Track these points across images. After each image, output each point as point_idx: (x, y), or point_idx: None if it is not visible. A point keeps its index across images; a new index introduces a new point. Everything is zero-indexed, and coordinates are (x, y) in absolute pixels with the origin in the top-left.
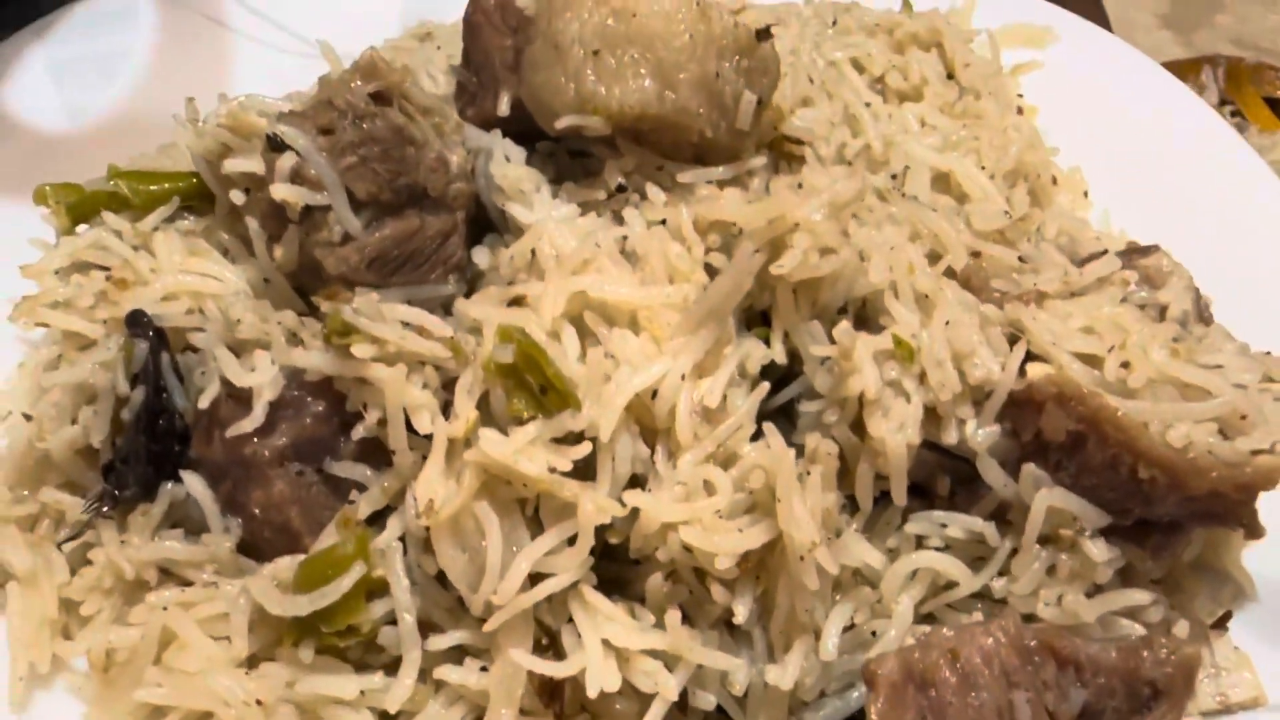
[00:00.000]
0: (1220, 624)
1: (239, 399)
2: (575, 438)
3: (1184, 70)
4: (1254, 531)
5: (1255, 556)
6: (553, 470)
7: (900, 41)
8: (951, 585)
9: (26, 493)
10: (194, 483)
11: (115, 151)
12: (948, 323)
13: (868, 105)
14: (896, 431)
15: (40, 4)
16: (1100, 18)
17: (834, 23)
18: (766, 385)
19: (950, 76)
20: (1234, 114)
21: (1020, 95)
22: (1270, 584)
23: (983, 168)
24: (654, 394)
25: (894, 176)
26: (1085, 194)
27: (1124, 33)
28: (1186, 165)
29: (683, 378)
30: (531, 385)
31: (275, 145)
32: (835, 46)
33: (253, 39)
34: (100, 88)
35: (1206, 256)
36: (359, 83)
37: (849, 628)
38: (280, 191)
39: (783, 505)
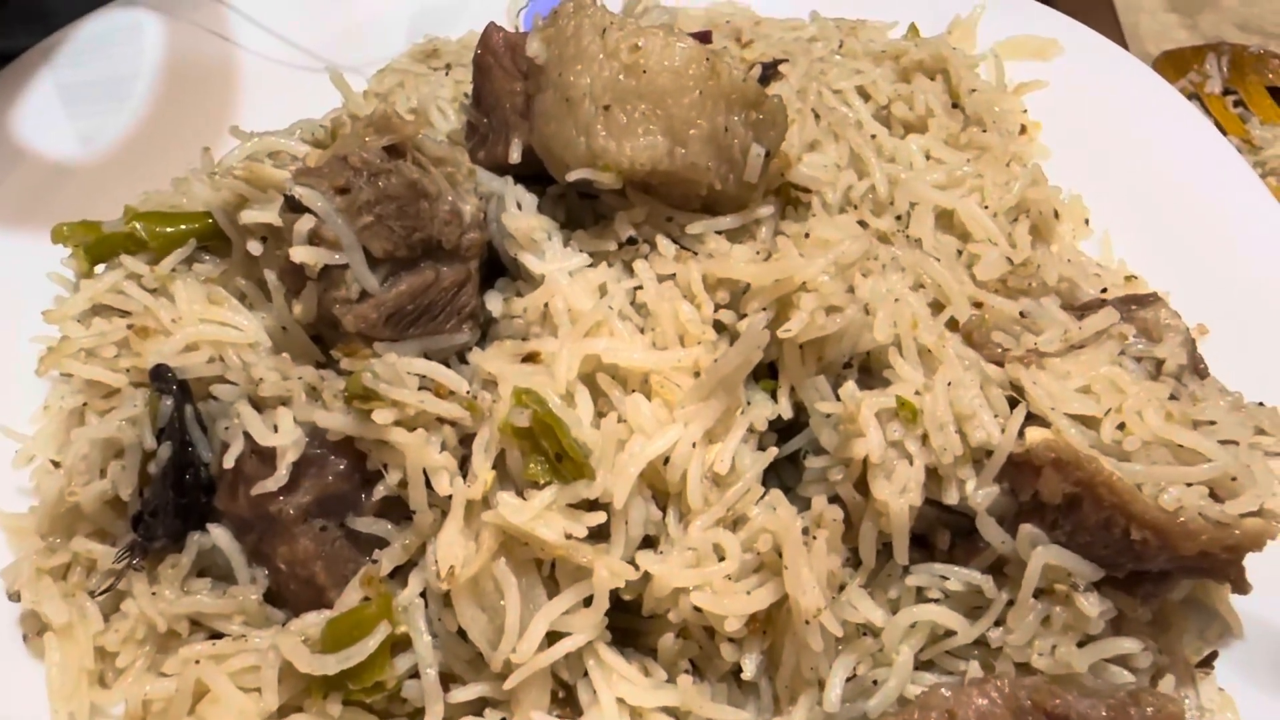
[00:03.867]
0: (1206, 663)
1: (263, 456)
2: (590, 504)
3: (1188, 58)
4: (1240, 588)
5: (1243, 596)
6: (569, 536)
7: (906, 69)
8: (950, 634)
9: (58, 541)
10: (221, 535)
11: (127, 175)
12: (950, 384)
13: (873, 138)
14: (899, 494)
15: (44, 4)
16: (1105, 2)
17: (840, 45)
18: (775, 450)
19: (955, 104)
20: (1237, 103)
21: (1025, 111)
22: (1257, 623)
23: (986, 205)
24: (666, 460)
25: (899, 218)
26: (1086, 221)
27: (1129, 16)
28: (1187, 184)
29: (694, 445)
30: (547, 450)
31: (293, 206)
32: (841, 74)
33: (259, 54)
34: (110, 110)
35: (1204, 277)
36: (372, 137)
37: (851, 677)
38: (300, 254)
39: (789, 572)
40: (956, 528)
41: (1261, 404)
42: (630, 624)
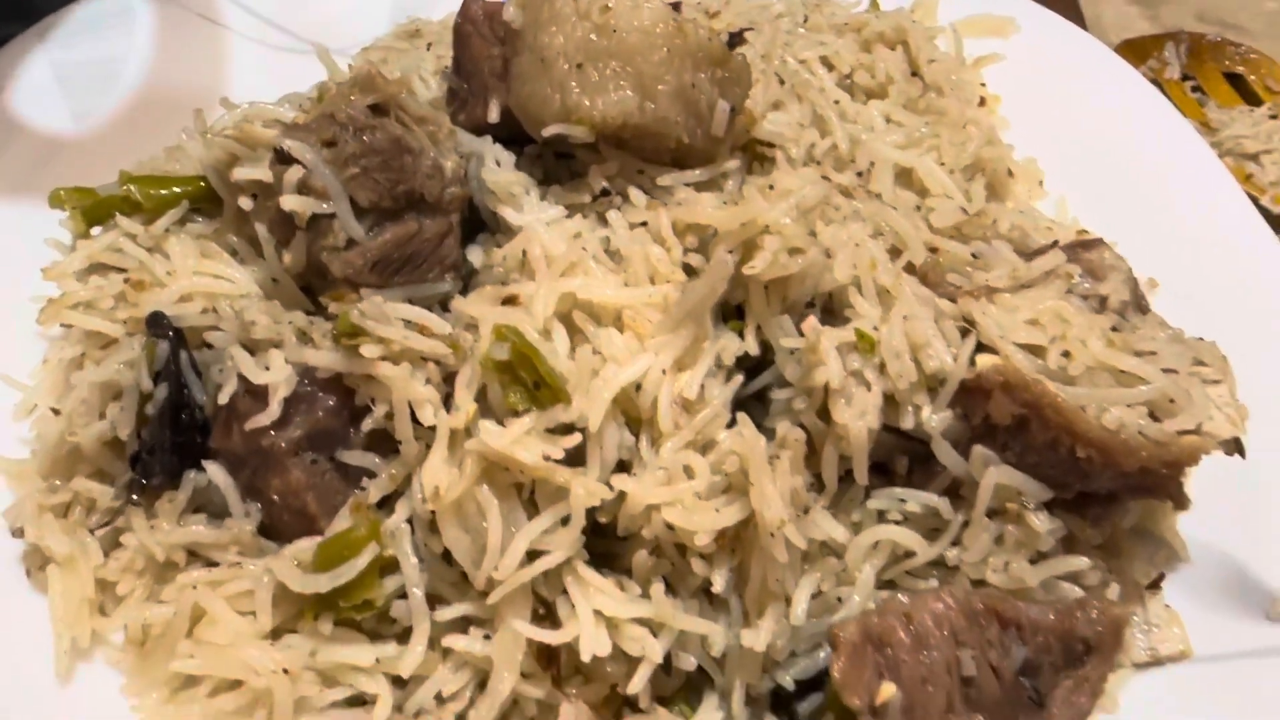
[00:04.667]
0: (1154, 585)
1: (255, 394)
2: (566, 428)
3: (1148, 46)
4: (1180, 503)
5: (1189, 523)
6: (547, 458)
7: (867, 40)
8: (910, 555)
9: (59, 482)
10: (216, 472)
11: (120, 151)
12: (906, 317)
13: (836, 103)
14: (858, 418)
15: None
16: None
17: (805, 20)
18: (740, 378)
19: (915, 73)
20: (1195, 89)
21: (983, 85)
22: (1202, 548)
23: (943, 163)
24: (638, 387)
25: (860, 174)
26: (1040, 183)
27: (1092, 8)
28: (1140, 153)
29: (664, 372)
30: (525, 380)
31: (283, 158)
32: (806, 45)
33: (248, 38)
34: (103, 89)
35: (1156, 242)
36: (358, 95)
37: (817, 594)
38: (289, 203)
39: (755, 488)
40: (914, 454)
41: (1202, 338)
42: (607, 548)
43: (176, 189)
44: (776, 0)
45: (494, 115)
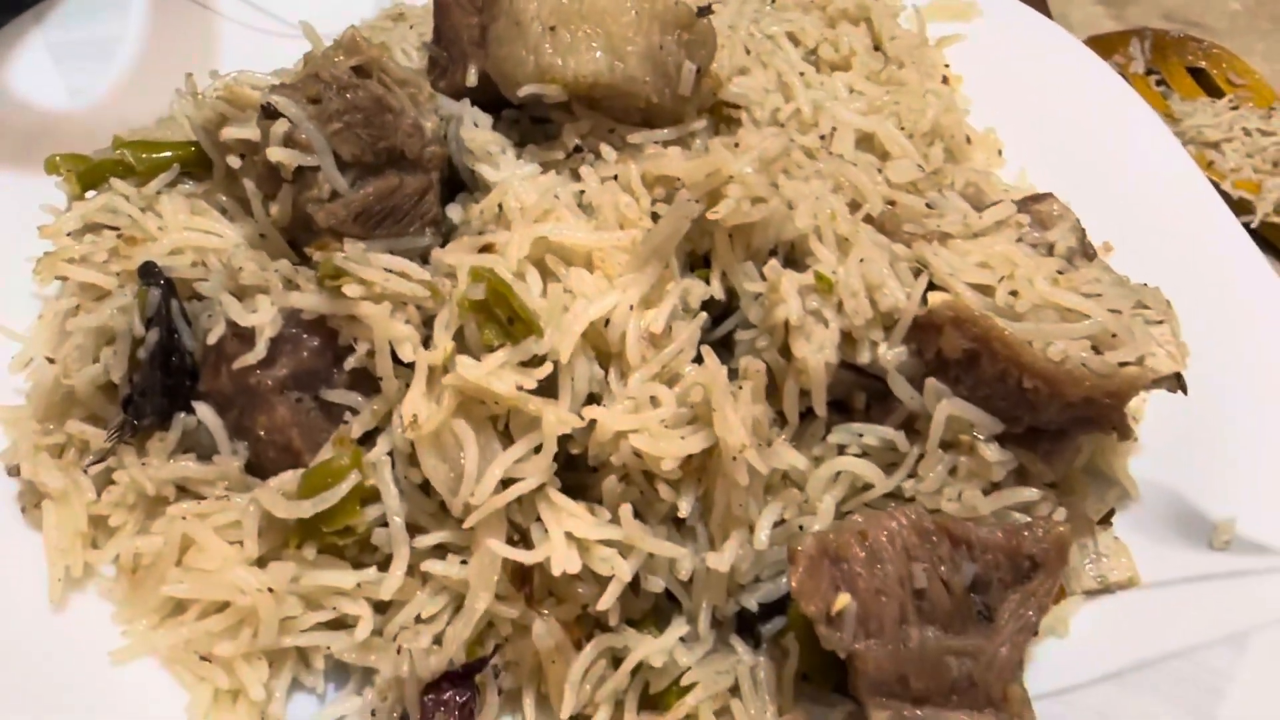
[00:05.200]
0: (1105, 520)
1: (243, 337)
2: (539, 361)
3: (1114, 42)
4: (1124, 433)
5: (1139, 465)
6: (520, 388)
7: (832, 17)
8: (868, 487)
9: (53, 426)
10: (205, 411)
11: (114, 125)
12: (862, 260)
13: (801, 75)
14: (817, 352)
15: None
16: None
17: (773, 1)
18: (705, 315)
19: (877, 48)
20: (1159, 82)
21: (947, 66)
22: (1150, 487)
23: (902, 128)
24: (607, 322)
25: (822, 137)
26: (1000, 152)
27: (1059, 7)
28: (1098, 130)
29: (631, 308)
30: (500, 318)
31: (269, 113)
32: (772, 21)
33: (239, 22)
34: (98, 68)
35: (1112, 210)
36: (342, 58)
37: (780, 523)
38: (275, 154)
39: (717, 414)
40: (871, 390)
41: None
42: (579, 480)
43: (168, 153)
44: None
45: (472, 79)
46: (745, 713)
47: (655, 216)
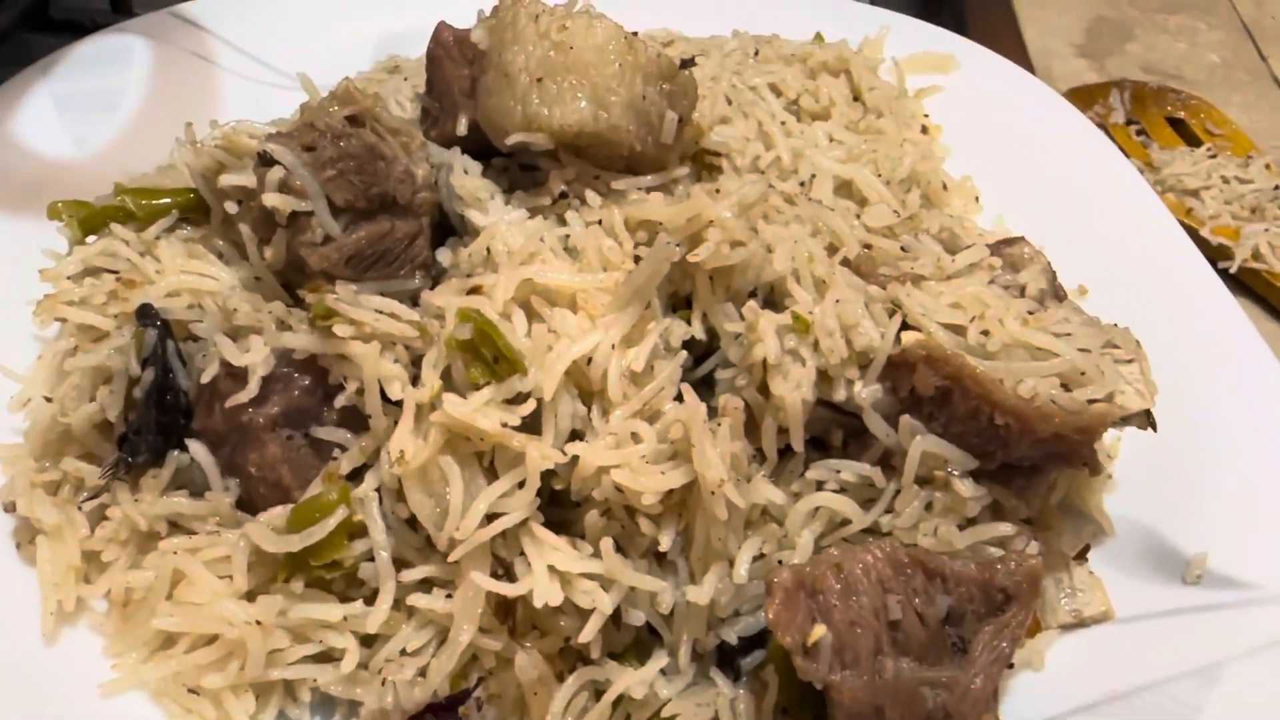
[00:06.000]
0: (1080, 556)
1: (236, 376)
2: (523, 398)
3: (1094, 93)
4: (1094, 468)
5: (1113, 502)
6: (504, 425)
7: (812, 68)
8: (846, 522)
9: (49, 464)
10: (198, 449)
11: (116, 174)
12: (838, 300)
13: (782, 124)
14: (794, 389)
15: (32, 50)
16: (1020, 47)
17: (755, 54)
18: (685, 353)
19: (857, 99)
20: (1139, 132)
21: (926, 116)
22: (1125, 523)
23: (879, 175)
24: (589, 361)
25: (802, 184)
26: (976, 199)
27: (1042, 61)
28: (1076, 181)
29: (613, 347)
30: (486, 357)
31: (265, 160)
32: (755, 73)
33: (239, 74)
34: (101, 119)
35: (1087, 257)
36: (336, 108)
37: (759, 558)
38: (270, 199)
39: (696, 449)
40: (847, 428)
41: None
42: (562, 516)
43: (167, 199)
44: (729, 38)
45: (462, 128)
46: None
47: (638, 259)
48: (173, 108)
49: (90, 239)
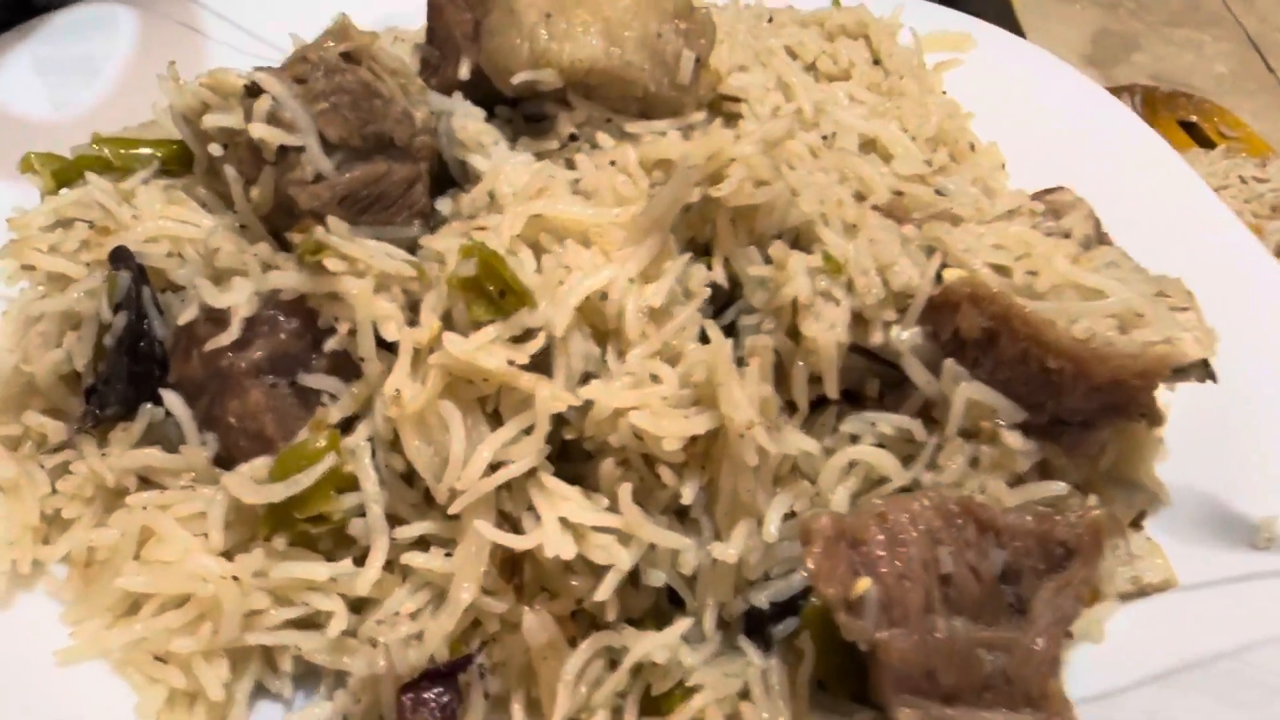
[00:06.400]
0: (1136, 523)
1: (216, 320)
2: (531, 335)
3: None
4: (1154, 419)
5: (1166, 470)
6: (511, 364)
7: (830, 32)
8: (884, 480)
9: (9, 418)
10: (173, 400)
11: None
12: (872, 240)
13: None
14: (828, 330)
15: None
16: None
17: (769, 20)
18: (708, 290)
19: (876, 62)
20: None
21: (944, 93)
22: (1181, 491)
23: (905, 130)
24: (604, 297)
25: (824, 138)
26: (1003, 166)
27: None
28: (1097, 153)
29: (630, 281)
30: (491, 293)
31: (252, 91)
32: (770, 36)
33: (228, 44)
34: (83, 83)
35: (1124, 224)
36: (331, 44)
37: (790, 516)
38: (258, 131)
39: (722, 389)
40: (884, 377)
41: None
42: (574, 471)
43: (147, 149)
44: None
45: (464, 72)
46: (757, 718)
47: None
48: (156, 77)
49: (64, 191)
